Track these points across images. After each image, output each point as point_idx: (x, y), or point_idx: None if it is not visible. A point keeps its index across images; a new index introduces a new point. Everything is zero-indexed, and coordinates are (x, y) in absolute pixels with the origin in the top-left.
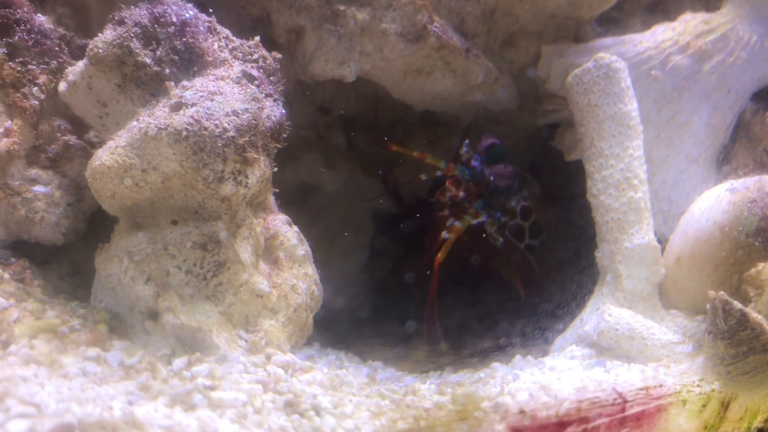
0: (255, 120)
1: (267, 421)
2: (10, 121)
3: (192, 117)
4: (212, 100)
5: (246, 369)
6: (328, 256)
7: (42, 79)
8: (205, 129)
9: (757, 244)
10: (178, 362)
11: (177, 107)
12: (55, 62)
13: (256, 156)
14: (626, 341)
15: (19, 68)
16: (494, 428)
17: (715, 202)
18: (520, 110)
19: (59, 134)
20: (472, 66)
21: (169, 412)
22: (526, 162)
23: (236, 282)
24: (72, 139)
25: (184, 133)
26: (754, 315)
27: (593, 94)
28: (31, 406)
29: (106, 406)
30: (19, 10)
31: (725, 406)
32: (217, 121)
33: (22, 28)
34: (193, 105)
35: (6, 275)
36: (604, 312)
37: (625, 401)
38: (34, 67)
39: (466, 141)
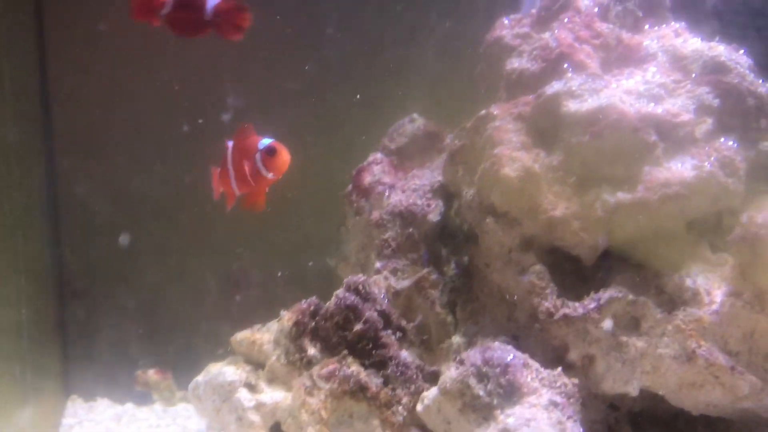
0: None
1: None
2: None
3: None
4: (528, 426)
5: None
6: None
7: (404, 400)
8: None
9: None
10: None
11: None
12: (413, 386)
13: None
14: None
15: (390, 392)
16: None
17: None
18: None
19: None
20: (738, 381)
21: None
22: None
23: None
24: None
25: None
26: None
27: None
28: None
29: None
30: (391, 350)
31: None
32: None
33: (392, 363)
34: (515, 430)
35: None
36: None
37: None
38: (400, 391)
39: None
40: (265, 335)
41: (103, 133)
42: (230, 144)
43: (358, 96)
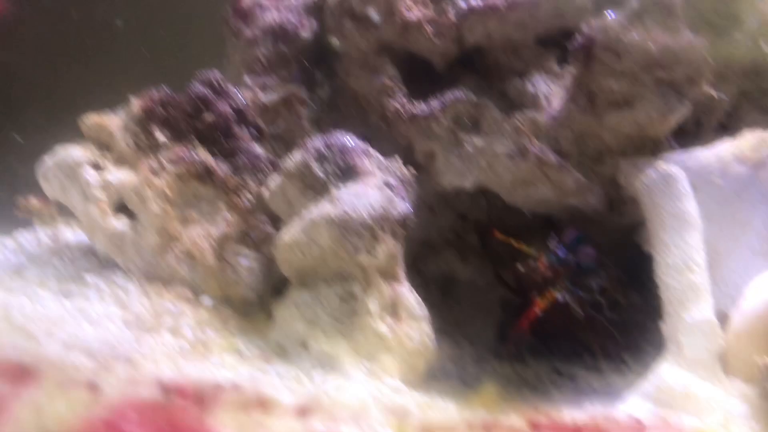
0: (384, 212)
1: (371, 418)
2: (228, 215)
3: (341, 208)
4: (356, 197)
5: (363, 386)
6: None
7: (253, 187)
8: (349, 216)
9: None
10: (317, 376)
11: (333, 203)
12: (263, 176)
13: (383, 236)
14: (682, 398)
15: (238, 180)
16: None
17: (766, 285)
18: (610, 212)
19: (261, 225)
20: (565, 177)
21: None
22: (617, 256)
23: (364, 325)
24: (270, 228)
25: (336, 219)
26: None
27: (655, 195)
28: None
29: None
30: (242, 142)
31: None
32: (357, 211)
33: (243, 152)
34: (344, 201)
35: (214, 318)
36: (663, 372)
37: (642, 424)
38: (248, 179)
39: (554, 235)
40: (114, 120)
41: None
42: None
43: None
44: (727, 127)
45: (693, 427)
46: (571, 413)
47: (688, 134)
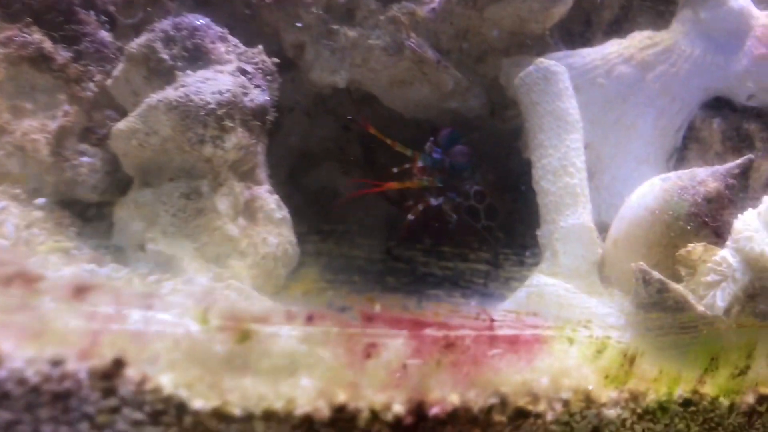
0: (235, 98)
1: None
2: (68, 106)
3: (183, 92)
4: (205, 83)
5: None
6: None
7: (98, 77)
8: (192, 101)
9: (688, 227)
10: (152, 278)
11: (176, 87)
12: (110, 66)
13: (232, 125)
14: (554, 307)
15: (81, 68)
16: None
17: (648, 190)
18: (492, 117)
19: (108, 121)
20: (443, 75)
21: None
22: (501, 163)
23: (211, 226)
24: None
25: (175, 103)
26: (673, 284)
27: (534, 93)
28: None
29: None
30: (87, 27)
31: (630, 359)
32: (202, 96)
33: (88, 39)
34: (188, 85)
35: (47, 219)
36: (534, 278)
37: (492, 320)
38: (93, 68)
39: (431, 138)
40: None
41: None
42: None
43: None
44: (618, 29)
45: (551, 324)
46: (416, 307)
47: (577, 35)
